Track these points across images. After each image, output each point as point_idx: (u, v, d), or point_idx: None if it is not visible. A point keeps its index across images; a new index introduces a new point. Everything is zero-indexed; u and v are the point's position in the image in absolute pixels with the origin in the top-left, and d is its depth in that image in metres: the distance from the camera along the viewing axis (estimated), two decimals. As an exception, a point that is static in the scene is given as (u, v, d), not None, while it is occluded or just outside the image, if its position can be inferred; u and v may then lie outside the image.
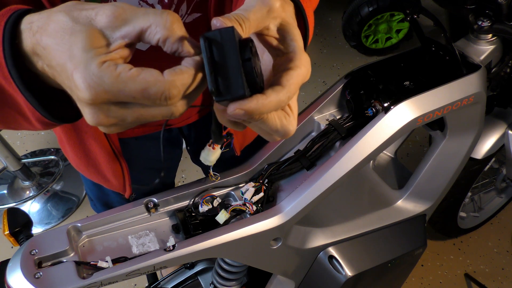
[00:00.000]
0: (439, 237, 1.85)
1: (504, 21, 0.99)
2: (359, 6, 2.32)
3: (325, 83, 2.52)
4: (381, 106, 0.84)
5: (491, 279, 1.77)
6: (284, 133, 0.44)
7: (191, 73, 0.39)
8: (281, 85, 0.42)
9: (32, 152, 2.18)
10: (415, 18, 0.98)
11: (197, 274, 1.12)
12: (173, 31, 0.39)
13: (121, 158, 0.81)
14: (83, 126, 0.76)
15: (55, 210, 1.98)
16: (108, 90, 0.36)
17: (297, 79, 0.43)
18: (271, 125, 0.43)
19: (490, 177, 1.74)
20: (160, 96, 0.37)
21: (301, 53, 0.45)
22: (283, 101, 0.42)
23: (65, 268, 0.68)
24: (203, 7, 0.69)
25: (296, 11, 0.51)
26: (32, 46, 0.40)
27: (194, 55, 0.40)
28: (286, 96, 0.42)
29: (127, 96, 0.37)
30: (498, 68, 1.12)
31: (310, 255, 0.95)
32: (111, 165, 0.82)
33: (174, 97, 0.38)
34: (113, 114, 0.39)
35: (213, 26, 0.40)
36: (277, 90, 0.41)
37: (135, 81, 0.36)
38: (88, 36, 0.37)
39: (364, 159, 0.82)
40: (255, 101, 0.40)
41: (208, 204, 0.80)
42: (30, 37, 0.40)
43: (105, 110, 0.38)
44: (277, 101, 0.41)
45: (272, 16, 0.44)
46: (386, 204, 1.07)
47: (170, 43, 0.39)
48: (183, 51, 0.40)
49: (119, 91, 0.37)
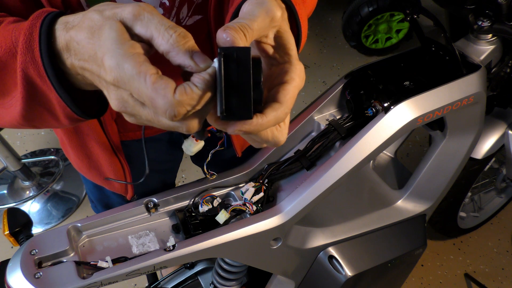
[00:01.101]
0: (439, 237, 1.85)
1: (504, 21, 0.99)
2: (359, 6, 2.32)
3: (325, 83, 2.52)
4: (381, 106, 0.84)
5: (491, 279, 1.77)
6: (274, 143, 0.46)
7: (199, 94, 0.40)
8: (279, 102, 0.44)
9: (32, 152, 2.18)
10: (415, 18, 0.98)
11: (197, 274, 1.12)
12: (176, 46, 0.40)
13: (123, 160, 0.82)
14: (85, 129, 0.76)
15: (55, 210, 1.98)
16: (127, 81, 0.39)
17: (294, 93, 0.44)
18: (263, 137, 0.45)
19: (490, 177, 1.74)
20: (164, 111, 0.39)
21: (296, 63, 0.46)
22: (281, 117, 0.44)
23: (65, 268, 0.68)
24: (203, 9, 0.69)
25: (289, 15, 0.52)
26: (65, 43, 0.43)
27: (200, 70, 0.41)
28: (284, 112, 0.44)
29: (140, 96, 0.39)
30: (498, 68, 1.12)
31: (310, 255, 0.95)
32: (113, 167, 0.82)
33: (180, 115, 0.39)
34: (129, 107, 0.41)
35: (221, 38, 0.41)
36: (275, 108, 0.43)
37: (148, 87, 0.38)
38: (114, 28, 0.40)
39: (364, 159, 0.82)
40: (255, 122, 0.42)
41: (208, 204, 0.80)
42: (63, 34, 0.43)
43: (125, 99, 0.41)
44: (275, 119, 0.43)
45: (273, 25, 0.45)
46: (386, 204, 1.07)
47: (172, 57, 0.41)
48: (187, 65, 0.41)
49: (134, 87, 0.39)
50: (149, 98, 0.39)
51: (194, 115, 0.42)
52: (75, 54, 0.43)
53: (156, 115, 0.41)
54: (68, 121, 0.50)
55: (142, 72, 0.39)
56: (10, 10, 0.54)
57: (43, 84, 0.45)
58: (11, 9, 0.55)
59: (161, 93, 0.38)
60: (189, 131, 0.42)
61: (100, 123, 0.74)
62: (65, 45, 0.43)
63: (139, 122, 0.44)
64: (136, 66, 0.39)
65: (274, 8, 0.45)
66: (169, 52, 0.41)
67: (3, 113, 0.51)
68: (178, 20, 0.68)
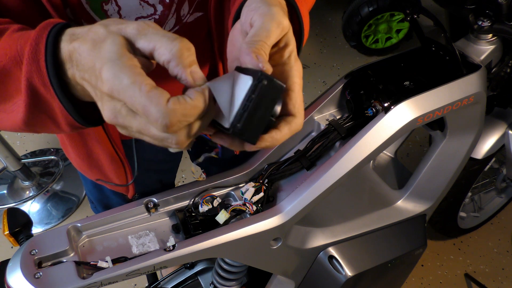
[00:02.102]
0: (439, 237, 1.85)
1: (504, 21, 0.99)
2: (359, 6, 2.32)
3: (325, 83, 2.52)
4: (381, 106, 0.84)
5: (491, 279, 1.77)
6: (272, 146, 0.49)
7: (193, 104, 0.41)
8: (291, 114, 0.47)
9: (32, 152, 2.18)
10: (415, 18, 0.98)
11: (197, 274, 1.12)
12: (177, 57, 0.41)
13: (124, 159, 0.82)
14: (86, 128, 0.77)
15: (55, 210, 1.98)
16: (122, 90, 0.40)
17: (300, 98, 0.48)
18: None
19: (490, 177, 1.74)
20: (156, 119, 0.39)
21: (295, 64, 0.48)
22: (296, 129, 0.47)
23: (65, 268, 0.68)
24: (204, 7, 0.69)
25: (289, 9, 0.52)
26: (69, 54, 0.44)
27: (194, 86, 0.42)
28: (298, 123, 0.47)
29: (133, 105, 0.40)
30: (498, 68, 1.12)
31: (310, 255, 0.95)
32: (114, 166, 0.82)
33: (173, 126, 0.40)
34: (121, 118, 0.42)
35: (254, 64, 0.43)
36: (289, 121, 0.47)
37: (142, 95, 0.39)
38: (116, 42, 0.41)
39: (364, 159, 0.82)
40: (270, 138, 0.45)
41: (208, 204, 0.80)
42: (67, 45, 0.44)
43: (117, 109, 0.42)
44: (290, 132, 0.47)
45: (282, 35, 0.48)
46: (386, 204, 1.07)
47: (171, 67, 0.42)
48: (184, 78, 0.42)
49: (128, 96, 0.40)
50: (142, 106, 0.39)
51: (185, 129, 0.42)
52: (77, 65, 0.44)
53: (147, 125, 0.41)
54: (69, 128, 0.51)
55: (137, 82, 0.39)
56: (11, 10, 0.55)
57: (46, 93, 0.46)
58: (12, 9, 0.55)
59: (155, 101, 0.39)
60: (178, 146, 0.43)
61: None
62: (68, 56, 0.44)
63: (130, 134, 0.45)
64: (132, 76, 0.40)
65: (283, 19, 0.47)
66: (170, 61, 0.41)
67: (4, 118, 0.52)
68: (178, 17, 0.69)
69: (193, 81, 0.42)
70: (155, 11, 0.66)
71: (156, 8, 0.65)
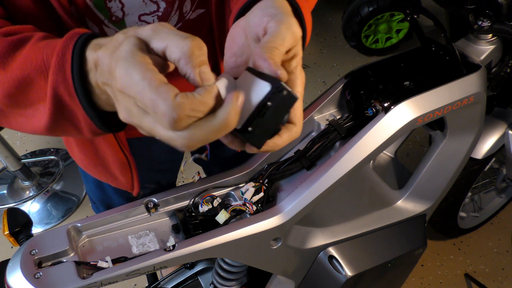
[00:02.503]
0: (439, 237, 1.85)
1: (504, 21, 0.99)
2: (359, 6, 2.32)
3: (325, 83, 2.52)
4: (381, 106, 0.84)
5: (491, 279, 1.77)
6: (272, 151, 0.50)
7: (201, 99, 0.41)
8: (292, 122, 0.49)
9: (32, 152, 2.17)
10: (415, 18, 0.98)
11: (197, 274, 1.12)
12: (187, 55, 0.41)
13: (129, 156, 0.82)
14: None
15: (55, 210, 1.98)
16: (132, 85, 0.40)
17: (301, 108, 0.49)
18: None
19: (490, 177, 1.74)
20: (164, 114, 0.39)
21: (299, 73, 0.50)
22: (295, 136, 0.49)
23: (65, 268, 0.68)
24: (206, 3, 0.70)
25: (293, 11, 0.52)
26: (93, 63, 0.45)
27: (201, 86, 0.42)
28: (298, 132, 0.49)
29: (142, 100, 0.40)
30: (498, 68, 1.12)
31: (310, 255, 0.95)
32: (119, 163, 0.82)
33: (181, 120, 0.40)
34: (134, 117, 0.43)
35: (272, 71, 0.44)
36: (290, 129, 0.49)
37: (151, 89, 0.39)
38: (131, 42, 0.42)
39: (364, 159, 0.82)
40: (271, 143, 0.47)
41: (208, 204, 0.80)
42: (92, 54, 0.45)
43: (130, 108, 0.43)
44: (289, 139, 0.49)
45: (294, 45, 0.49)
46: (386, 204, 1.07)
47: (181, 65, 0.42)
48: (192, 77, 0.42)
49: (138, 91, 0.40)
50: (150, 101, 0.40)
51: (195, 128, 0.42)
52: (100, 73, 0.44)
53: (156, 124, 0.42)
54: (91, 134, 0.52)
55: (147, 77, 0.40)
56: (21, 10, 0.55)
57: (71, 102, 0.47)
58: (22, 9, 0.55)
59: (163, 96, 0.39)
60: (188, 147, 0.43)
61: None
62: (94, 64, 0.45)
63: (143, 132, 0.45)
64: (142, 71, 0.40)
65: (298, 30, 0.48)
66: (180, 59, 0.42)
67: (24, 122, 0.53)
68: (181, 14, 0.69)
69: (201, 81, 0.42)
70: (158, 8, 0.66)
71: (159, 5, 0.65)
